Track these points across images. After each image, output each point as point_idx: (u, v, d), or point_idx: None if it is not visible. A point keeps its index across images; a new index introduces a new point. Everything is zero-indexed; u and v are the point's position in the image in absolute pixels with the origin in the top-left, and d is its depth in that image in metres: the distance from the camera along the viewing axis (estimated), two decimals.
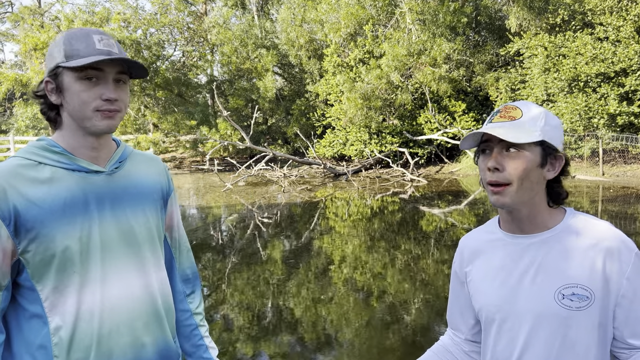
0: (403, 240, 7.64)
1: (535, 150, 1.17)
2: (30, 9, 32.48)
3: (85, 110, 1.21)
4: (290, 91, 22.09)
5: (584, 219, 1.22)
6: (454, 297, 1.45)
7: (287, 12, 20.25)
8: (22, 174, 1.19)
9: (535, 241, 1.21)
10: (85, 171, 1.25)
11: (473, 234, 1.39)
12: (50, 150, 1.24)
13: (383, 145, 17.27)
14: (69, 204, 1.20)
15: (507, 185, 1.16)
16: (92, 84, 1.21)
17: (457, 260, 1.40)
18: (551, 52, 15.19)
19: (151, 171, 1.42)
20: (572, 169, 14.83)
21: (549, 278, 1.18)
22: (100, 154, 1.29)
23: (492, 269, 1.27)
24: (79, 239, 1.21)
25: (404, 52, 15.72)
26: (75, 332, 1.19)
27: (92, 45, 1.21)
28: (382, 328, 4.28)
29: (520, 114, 1.18)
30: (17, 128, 28.06)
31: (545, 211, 1.22)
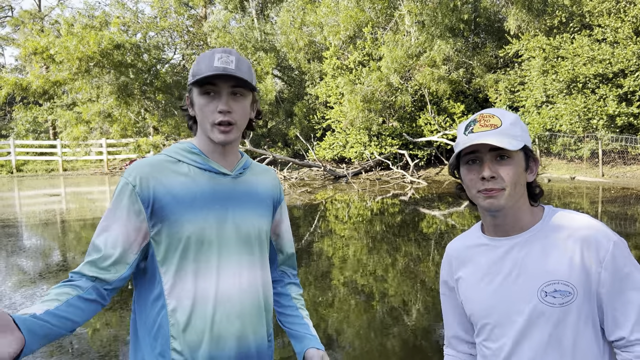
0: (403, 242, 7.65)
1: (520, 155, 1.22)
2: (30, 13, 32.53)
3: (206, 122, 1.37)
4: (290, 94, 22.13)
5: (562, 214, 1.25)
6: (448, 308, 1.45)
7: (287, 15, 20.29)
8: (165, 167, 1.37)
9: (517, 242, 1.24)
10: (215, 172, 1.41)
11: (458, 242, 1.41)
12: (189, 151, 1.42)
13: (383, 147, 17.29)
14: (198, 197, 1.36)
15: (501, 190, 1.19)
16: (210, 98, 1.36)
17: (446, 269, 1.42)
18: (549, 54, 15.21)
19: (266, 180, 1.55)
20: (572, 170, 14.86)
21: (531, 277, 1.20)
22: (227, 159, 1.44)
23: (479, 274, 1.30)
24: (202, 229, 1.35)
25: (403, 55, 15.76)
26: (191, 315, 1.32)
27: (212, 63, 1.34)
28: (382, 330, 4.29)
29: (499, 122, 1.21)
30: (17, 132, 28.08)
31: (527, 212, 1.26)
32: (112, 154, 22.85)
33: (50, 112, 21.21)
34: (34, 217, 11.01)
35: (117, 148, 22.51)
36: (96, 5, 31.81)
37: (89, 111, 18.41)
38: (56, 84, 18.86)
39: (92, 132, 19.72)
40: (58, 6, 32.17)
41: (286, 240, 1.65)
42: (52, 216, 11.18)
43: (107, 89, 18.13)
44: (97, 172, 22.15)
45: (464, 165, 1.26)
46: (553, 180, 14.20)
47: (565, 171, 15.00)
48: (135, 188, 1.32)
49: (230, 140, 1.39)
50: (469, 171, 1.24)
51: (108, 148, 22.30)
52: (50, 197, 14.76)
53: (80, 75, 17.82)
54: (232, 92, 1.36)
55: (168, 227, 1.33)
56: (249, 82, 1.37)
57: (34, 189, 17.16)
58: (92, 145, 21.40)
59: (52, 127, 26.84)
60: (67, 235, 9.02)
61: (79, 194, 15.81)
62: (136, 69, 18.76)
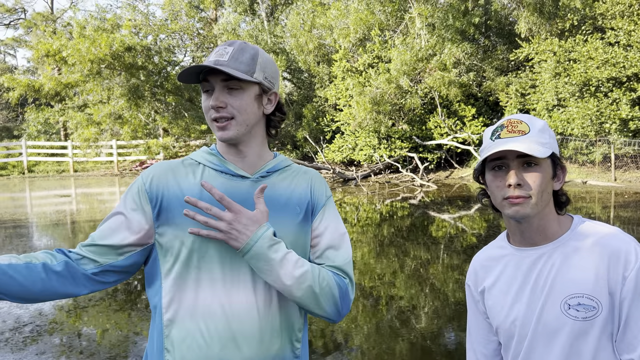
0: (412, 245, 7.60)
1: (547, 163, 1.20)
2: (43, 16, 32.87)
3: (208, 120, 1.31)
4: (300, 96, 22.14)
5: (591, 225, 1.22)
6: (474, 322, 1.40)
7: (297, 18, 20.32)
8: (180, 168, 1.31)
9: (544, 252, 1.22)
10: (232, 174, 1.31)
11: (484, 252, 1.39)
12: (209, 153, 1.35)
13: (392, 150, 17.24)
14: (205, 200, 1.25)
15: (527, 198, 1.17)
16: (208, 95, 1.28)
17: (472, 280, 1.39)
18: (561, 57, 15.09)
19: (300, 184, 1.37)
20: (584, 174, 14.71)
21: (556, 289, 1.17)
22: (246, 161, 1.33)
23: (505, 285, 1.28)
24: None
25: (413, 57, 15.71)
26: (188, 331, 1.21)
27: (210, 56, 1.28)
28: (391, 334, 4.25)
29: (527, 128, 1.20)
30: (29, 133, 28.36)
31: (554, 220, 1.23)
32: (122, 155, 22.99)
33: (62, 114, 21.38)
34: (45, 218, 11.08)
35: (128, 150, 22.65)
36: (108, 8, 32.08)
37: (99, 113, 18.53)
38: (68, 86, 19.02)
39: (103, 134, 19.85)
40: (70, 9, 32.50)
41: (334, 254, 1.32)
42: (63, 217, 11.25)
43: (118, 91, 18.25)
44: (107, 173, 22.29)
45: (489, 172, 1.23)
46: (565, 185, 14.07)
47: (577, 175, 14.85)
48: (145, 185, 1.28)
49: (230, 137, 1.27)
50: (495, 177, 1.21)
51: (118, 149, 22.45)
52: (60, 198, 14.87)
53: (91, 77, 17.96)
54: (225, 87, 1.26)
55: (172, 231, 1.25)
56: (236, 76, 1.22)
57: (45, 189, 17.29)
58: (102, 146, 21.55)
59: (64, 128, 27.08)
60: (77, 236, 9.06)
61: (89, 195, 15.91)
62: (147, 71, 18.88)
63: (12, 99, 20.15)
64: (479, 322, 1.39)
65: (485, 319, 1.36)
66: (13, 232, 9.27)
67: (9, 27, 37.58)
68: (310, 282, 1.22)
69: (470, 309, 1.41)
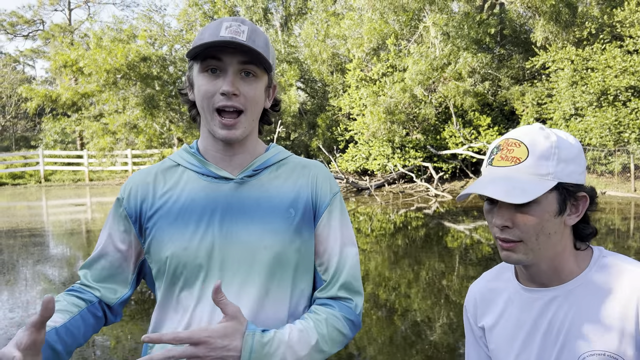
0: (427, 256, 7.48)
1: (549, 198, 0.96)
2: (61, 27, 33.48)
3: (206, 108, 1.06)
4: (314, 105, 22.17)
5: (614, 262, 1.01)
6: (474, 354, 1.22)
7: (311, 28, 20.40)
8: (159, 175, 1.16)
9: (557, 294, 1.02)
10: (214, 176, 1.11)
11: (484, 282, 1.19)
12: (188, 152, 1.17)
13: (406, 159, 17.12)
14: (185, 210, 1.09)
15: (518, 242, 0.98)
16: (214, 77, 1.05)
17: (471, 312, 1.20)
18: (578, 65, 14.90)
19: (295, 181, 1.16)
20: (603, 184, 14.45)
21: (571, 343, 0.98)
22: (234, 159, 1.13)
23: (510, 329, 1.08)
24: (184, 250, 1.06)
25: (427, 67, 15.64)
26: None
27: (217, 32, 1.04)
28: (405, 346, 4.15)
29: (525, 153, 0.97)
30: (45, 143, 28.76)
31: (570, 259, 1.02)
32: (137, 164, 23.18)
33: (78, 123, 21.63)
34: (60, 227, 11.16)
35: (142, 159, 22.84)
36: (124, 19, 32.57)
37: (115, 122, 18.73)
38: (84, 96, 19.27)
39: (118, 143, 20.03)
40: (88, 20, 33.05)
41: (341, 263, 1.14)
42: (78, 226, 11.32)
43: (133, 101, 18.44)
44: (122, 182, 22.47)
45: (485, 202, 1.04)
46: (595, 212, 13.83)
47: (595, 186, 14.58)
48: (123, 202, 1.15)
49: (237, 138, 1.08)
50: (487, 212, 1.03)
51: (133, 159, 22.64)
52: (76, 207, 14.99)
53: (107, 87, 18.18)
54: (241, 70, 1.05)
55: (154, 246, 1.10)
56: (265, 58, 1.05)
57: (61, 198, 17.46)
58: (117, 155, 21.74)
59: (80, 137, 27.40)
60: (92, 245, 9.09)
61: (104, 204, 16.02)
62: (162, 81, 19.06)
63: (30, 109, 20.49)
64: (480, 357, 1.20)
65: (487, 355, 1.18)
66: (29, 240, 9.33)
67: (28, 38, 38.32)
68: (320, 347, 1.04)
69: (469, 341, 1.22)
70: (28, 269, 7.26)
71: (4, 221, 11.94)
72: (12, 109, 31.20)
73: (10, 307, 5.41)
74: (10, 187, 21.30)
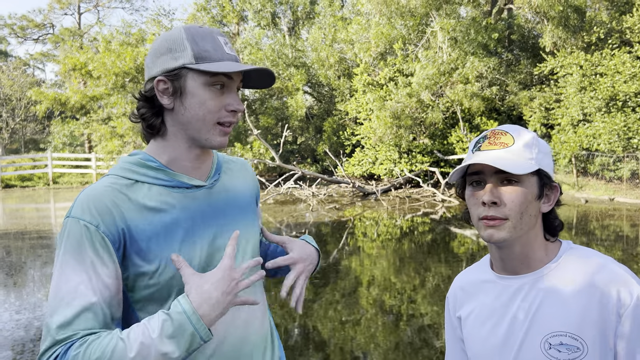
0: (433, 261, 7.45)
1: (531, 181, 1.05)
2: (70, 31, 33.77)
3: (208, 121, 1.08)
4: (320, 110, 22.19)
5: (579, 253, 1.08)
6: (451, 347, 1.29)
7: (318, 33, 20.45)
8: (123, 193, 1.05)
9: (526, 282, 1.08)
10: (186, 187, 1.12)
11: (465, 275, 1.27)
12: (147, 166, 1.10)
13: (413, 164, 17.08)
14: (169, 227, 1.07)
15: (504, 220, 1.04)
16: (220, 92, 1.09)
17: (450, 304, 1.28)
18: (587, 71, 14.82)
19: (245, 178, 1.30)
20: (611, 190, 14.34)
21: (536, 325, 1.04)
22: (202, 167, 1.16)
23: (482, 314, 1.15)
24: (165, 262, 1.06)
25: (435, 71, 15.62)
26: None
27: (222, 48, 1.09)
28: (411, 352, 4.12)
29: (511, 140, 1.06)
30: (54, 145, 28.95)
31: (541, 248, 1.09)
32: None
33: (86, 126, 21.79)
34: None
35: None
36: (133, 23, 32.79)
37: (123, 125, 18.84)
38: (93, 99, 19.41)
39: (126, 146, 20.14)
40: (97, 24, 33.32)
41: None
42: None
43: None
44: None
45: (468, 187, 1.12)
46: (591, 201, 13.72)
47: (603, 192, 14.48)
48: (100, 227, 1.01)
49: (226, 144, 1.14)
50: (472, 194, 1.09)
51: None
52: None
53: (115, 90, 18.30)
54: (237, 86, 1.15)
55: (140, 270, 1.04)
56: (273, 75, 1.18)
57: (69, 201, 17.55)
58: None
59: (88, 140, 27.58)
60: None
61: None
62: None
63: (40, 111, 20.66)
64: (455, 349, 1.27)
65: (462, 347, 1.25)
66: (37, 242, 9.39)
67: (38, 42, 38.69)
68: None
69: (448, 332, 1.30)
70: (36, 270, 7.30)
71: (13, 223, 12.02)
72: (22, 111, 31.46)
73: (17, 309, 5.44)
74: (19, 189, 21.45)
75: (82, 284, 0.98)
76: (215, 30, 1.13)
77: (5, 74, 31.53)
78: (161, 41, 1.11)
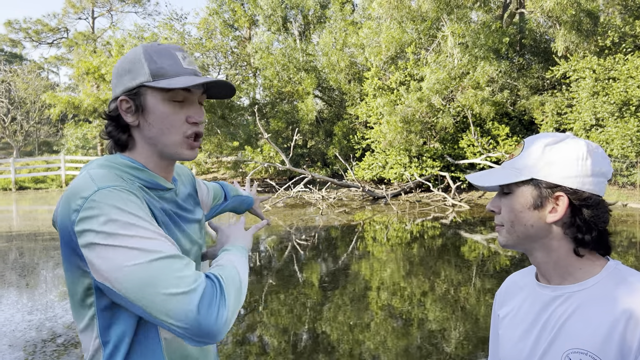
0: (443, 266, 7.41)
1: (524, 190, 1.08)
2: (84, 35, 34.16)
3: (174, 135, 1.13)
4: (330, 114, 22.21)
5: (624, 275, 1.04)
6: (493, 341, 1.35)
7: (329, 37, 20.49)
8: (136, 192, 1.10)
9: (561, 294, 1.08)
10: (161, 189, 1.18)
11: (513, 276, 1.31)
12: (132, 167, 1.13)
13: (423, 168, 17.02)
14: (161, 220, 1.14)
15: (501, 226, 1.14)
16: (179, 106, 1.13)
17: (497, 301, 1.33)
18: (600, 75, 14.70)
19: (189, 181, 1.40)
20: (624, 196, 14.18)
21: (561, 338, 1.05)
22: (168, 170, 1.22)
23: (517, 318, 1.19)
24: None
25: (446, 76, 15.57)
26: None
27: (179, 63, 1.13)
28: (420, 357, 4.11)
29: (519, 152, 1.12)
30: (67, 148, 29.26)
31: (568, 260, 1.08)
32: None
33: (99, 129, 21.98)
34: None
35: None
36: (146, 27, 33.10)
37: None
38: (105, 102, 19.56)
39: None
40: (110, 28, 33.67)
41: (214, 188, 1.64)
42: None
43: None
44: None
45: None
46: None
47: (616, 197, 14.33)
48: (140, 198, 1.06)
49: (196, 156, 1.19)
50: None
51: None
52: None
53: None
54: (198, 100, 1.18)
55: None
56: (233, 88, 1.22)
57: None
58: None
59: (100, 143, 27.83)
60: None
61: None
62: None
63: (53, 115, 20.87)
64: (495, 345, 1.33)
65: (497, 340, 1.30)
66: (49, 244, 9.49)
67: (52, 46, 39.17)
68: None
69: (492, 327, 1.35)
70: (48, 272, 7.38)
71: (26, 224, 12.16)
72: (36, 114, 31.84)
73: (30, 310, 5.49)
74: (33, 191, 21.70)
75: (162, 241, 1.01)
76: (174, 46, 1.16)
77: (20, 77, 31.95)
78: (122, 62, 1.15)
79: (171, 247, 0.99)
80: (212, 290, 0.95)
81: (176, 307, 0.92)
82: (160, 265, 0.94)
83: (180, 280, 0.93)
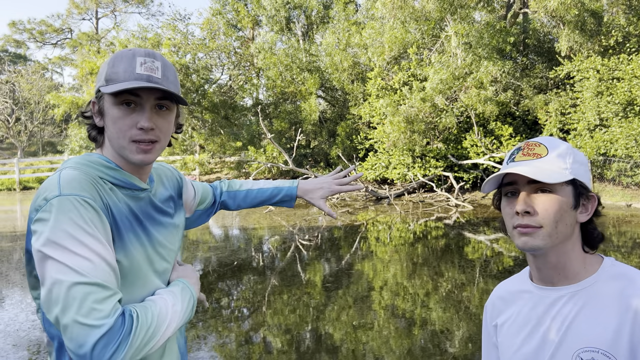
0: (446, 267, 7.40)
1: (566, 190, 1.07)
2: (88, 35, 34.26)
3: (121, 139, 1.14)
4: (334, 114, 22.20)
5: (622, 270, 1.07)
6: (486, 354, 1.32)
7: (332, 37, 20.48)
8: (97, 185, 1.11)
9: (564, 294, 1.09)
10: (135, 188, 1.20)
11: (504, 284, 1.30)
12: (105, 165, 1.16)
13: (427, 169, 17.00)
14: (123, 221, 1.14)
15: (538, 228, 1.06)
16: (129, 110, 1.13)
17: (488, 312, 1.31)
18: (604, 75, 14.65)
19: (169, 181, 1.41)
20: (629, 197, 14.14)
21: (569, 338, 1.05)
22: (143, 174, 1.25)
23: (518, 324, 1.17)
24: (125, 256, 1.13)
25: (449, 76, 15.55)
26: None
27: (132, 69, 1.13)
28: (424, 357, 4.10)
29: (545, 151, 1.09)
30: (71, 148, 29.35)
31: (578, 259, 1.10)
32: None
33: None
34: None
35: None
36: (149, 27, 33.17)
37: None
38: None
39: None
40: (114, 29, 33.74)
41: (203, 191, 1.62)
42: None
43: None
44: None
45: (503, 197, 1.14)
46: (607, 207, 13.53)
47: (620, 198, 14.28)
48: (95, 204, 1.06)
49: (151, 161, 1.17)
50: (507, 204, 1.12)
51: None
52: None
53: None
54: (156, 105, 1.16)
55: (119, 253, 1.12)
56: (178, 95, 1.17)
57: None
58: None
59: None
60: None
61: None
62: (185, 89, 19.32)
63: (57, 115, 20.95)
64: (490, 357, 1.30)
65: (497, 355, 1.27)
66: None
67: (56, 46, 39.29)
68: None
69: (484, 340, 1.33)
70: None
71: None
72: (40, 115, 31.95)
73: (34, 310, 5.51)
74: (37, 191, 21.75)
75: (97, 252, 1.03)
76: (142, 51, 1.16)
77: (24, 78, 32.07)
78: (100, 67, 1.24)
79: (104, 273, 1.00)
80: (117, 331, 0.96)
81: (77, 336, 0.94)
82: (81, 290, 0.96)
83: (92, 312, 0.95)
